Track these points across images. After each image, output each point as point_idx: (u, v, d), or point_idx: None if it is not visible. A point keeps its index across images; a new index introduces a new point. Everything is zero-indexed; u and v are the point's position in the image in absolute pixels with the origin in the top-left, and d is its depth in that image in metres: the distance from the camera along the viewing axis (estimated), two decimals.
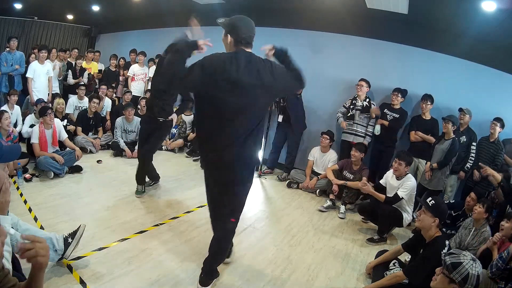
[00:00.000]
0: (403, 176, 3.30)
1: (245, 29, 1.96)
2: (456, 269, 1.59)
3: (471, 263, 1.61)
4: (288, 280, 2.46)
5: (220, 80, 1.82)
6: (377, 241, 3.27)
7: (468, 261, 1.61)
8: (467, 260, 1.62)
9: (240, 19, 1.99)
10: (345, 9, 4.72)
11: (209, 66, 1.84)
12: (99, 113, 5.35)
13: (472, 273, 1.57)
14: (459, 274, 1.58)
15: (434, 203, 2.24)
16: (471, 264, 1.60)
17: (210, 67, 1.83)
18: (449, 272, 1.61)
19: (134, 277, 2.21)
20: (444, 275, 1.64)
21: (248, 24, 1.98)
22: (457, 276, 1.58)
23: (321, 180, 4.41)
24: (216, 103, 1.86)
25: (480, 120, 4.04)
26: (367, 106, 4.46)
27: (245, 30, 1.96)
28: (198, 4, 5.75)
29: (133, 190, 3.62)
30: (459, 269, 1.59)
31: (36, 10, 7.80)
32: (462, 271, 1.58)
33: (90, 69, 6.46)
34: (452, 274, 1.60)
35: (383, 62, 4.73)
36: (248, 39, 1.97)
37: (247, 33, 1.96)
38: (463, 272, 1.58)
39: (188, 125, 5.91)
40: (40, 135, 3.83)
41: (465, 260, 1.61)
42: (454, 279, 1.59)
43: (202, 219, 3.24)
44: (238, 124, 1.90)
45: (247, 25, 1.98)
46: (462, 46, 4.18)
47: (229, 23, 1.98)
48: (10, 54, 5.20)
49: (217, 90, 1.83)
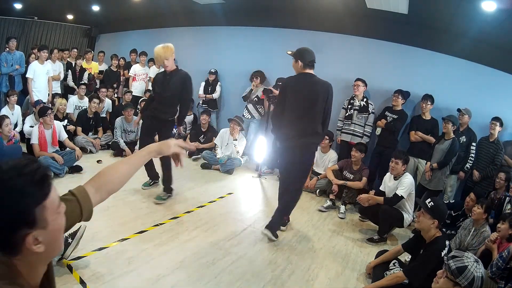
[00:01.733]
0: (400, 175, 3.31)
1: (308, 55, 2.86)
2: (462, 273, 1.57)
3: (475, 265, 1.59)
4: (288, 280, 2.46)
5: (292, 92, 2.83)
6: (377, 241, 3.27)
7: (472, 264, 1.59)
8: (471, 262, 1.60)
9: (305, 49, 2.90)
10: (345, 9, 4.72)
11: (287, 85, 2.93)
12: (99, 113, 5.35)
13: (477, 275, 1.56)
14: (465, 279, 1.56)
15: (433, 205, 2.23)
16: (475, 267, 1.58)
17: (288, 85, 2.92)
18: (455, 277, 1.58)
19: (134, 277, 2.21)
20: (448, 279, 1.63)
21: (311, 53, 2.88)
22: (464, 281, 1.56)
23: (321, 180, 4.41)
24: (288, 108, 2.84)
25: (480, 120, 4.05)
26: (364, 106, 4.46)
27: (309, 57, 2.86)
28: (198, 4, 5.75)
29: (133, 190, 3.62)
30: (465, 273, 1.57)
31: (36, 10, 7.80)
32: (468, 275, 1.56)
33: (90, 69, 6.46)
34: (459, 279, 1.57)
35: (383, 62, 4.74)
36: (312, 63, 2.87)
37: (310, 59, 2.86)
38: (469, 276, 1.56)
39: (188, 125, 5.91)
40: (40, 135, 3.83)
41: (469, 263, 1.59)
42: (460, 284, 1.58)
43: (202, 219, 3.24)
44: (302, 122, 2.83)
45: (310, 53, 2.87)
46: (462, 46, 4.19)
47: (298, 53, 2.88)
48: (10, 54, 5.19)
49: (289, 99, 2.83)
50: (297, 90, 2.82)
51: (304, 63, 2.84)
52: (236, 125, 4.96)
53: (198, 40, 6.49)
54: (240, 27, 5.93)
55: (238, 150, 4.97)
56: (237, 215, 3.50)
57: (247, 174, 4.97)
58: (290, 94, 2.83)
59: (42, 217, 0.70)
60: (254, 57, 5.73)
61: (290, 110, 2.83)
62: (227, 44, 6.10)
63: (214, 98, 5.90)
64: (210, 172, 4.82)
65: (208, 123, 5.57)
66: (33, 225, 0.69)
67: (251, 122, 5.49)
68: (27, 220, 0.69)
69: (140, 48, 6.59)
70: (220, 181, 4.52)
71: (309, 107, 2.82)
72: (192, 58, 6.53)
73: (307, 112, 2.82)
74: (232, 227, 3.19)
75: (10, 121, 3.74)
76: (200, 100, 5.98)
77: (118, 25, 8.31)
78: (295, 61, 2.88)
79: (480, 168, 3.94)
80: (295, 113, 2.83)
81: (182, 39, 6.54)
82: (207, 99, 5.88)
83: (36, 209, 0.69)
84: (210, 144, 5.31)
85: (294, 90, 2.83)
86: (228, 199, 3.93)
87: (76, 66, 6.18)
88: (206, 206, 3.62)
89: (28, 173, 0.69)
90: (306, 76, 2.85)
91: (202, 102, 5.96)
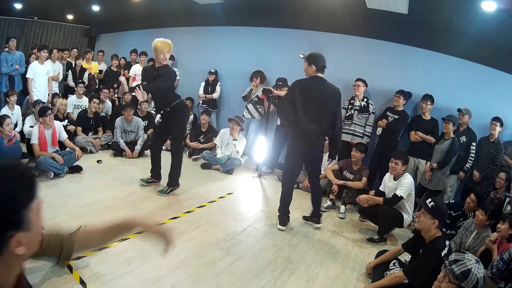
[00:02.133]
0: (400, 175, 3.30)
1: (321, 60, 3.06)
2: (467, 278, 1.57)
3: (477, 267, 1.59)
4: (288, 280, 2.46)
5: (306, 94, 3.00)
6: (377, 241, 3.27)
7: (475, 266, 1.59)
8: (473, 264, 1.60)
9: (318, 54, 3.09)
10: (345, 9, 4.72)
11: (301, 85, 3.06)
12: (99, 113, 5.35)
13: (480, 276, 1.57)
14: (470, 283, 1.56)
15: (433, 205, 2.23)
16: (477, 268, 1.59)
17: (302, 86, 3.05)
18: (460, 281, 1.58)
19: (134, 277, 2.21)
20: (452, 283, 1.62)
21: (323, 58, 3.08)
22: (469, 285, 1.57)
23: (321, 180, 4.40)
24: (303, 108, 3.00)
25: (480, 120, 4.05)
26: (365, 106, 4.46)
27: (321, 61, 3.06)
28: (198, 4, 5.75)
29: (133, 190, 3.62)
30: (470, 277, 1.57)
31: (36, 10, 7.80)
32: (473, 278, 1.56)
33: (91, 69, 6.47)
34: (464, 283, 1.58)
35: (383, 62, 4.74)
36: (323, 68, 3.07)
37: (322, 63, 3.07)
38: (473, 279, 1.56)
39: (188, 125, 5.91)
40: (40, 135, 3.83)
41: (472, 265, 1.59)
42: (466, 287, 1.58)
43: (202, 219, 3.24)
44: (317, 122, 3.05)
45: (322, 59, 3.08)
46: (462, 46, 4.18)
47: (311, 57, 3.07)
48: (10, 54, 5.19)
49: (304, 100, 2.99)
50: (312, 92, 3.02)
51: (317, 67, 3.04)
52: (236, 125, 4.96)
53: (198, 40, 6.49)
54: (240, 27, 5.93)
55: (238, 150, 4.97)
56: (237, 215, 3.50)
57: (247, 174, 4.97)
58: (304, 95, 3.00)
59: (28, 219, 0.72)
60: (254, 57, 5.73)
61: (306, 111, 3.01)
62: (227, 44, 6.10)
63: (214, 98, 5.89)
64: (210, 172, 4.82)
65: (208, 123, 5.57)
66: (20, 227, 0.71)
67: (251, 122, 5.49)
68: (15, 222, 0.70)
69: (140, 48, 6.58)
70: (220, 181, 4.52)
71: (321, 108, 3.04)
72: (192, 58, 6.53)
73: (319, 113, 3.04)
74: (232, 227, 3.19)
75: (11, 121, 3.74)
76: (200, 100, 5.98)
77: (118, 25, 8.31)
78: (308, 65, 3.07)
79: (480, 168, 3.93)
80: (310, 114, 3.02)
81: (182, 39, 6.53)
82: (207, 99, 5.88)
83: (24, 211, 0.71)
84: (210, 144, 5.32)
85: (308, 92, 3.02)
86: (228, 199, 3.93)
87: (76, 66, 6.18)
88: (206, 206, 3.61)
89: (16, 176, 0.71)
90: (318, 79, 3.05)
91: (202, 102, 5.96)
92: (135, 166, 4.51)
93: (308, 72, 3.08)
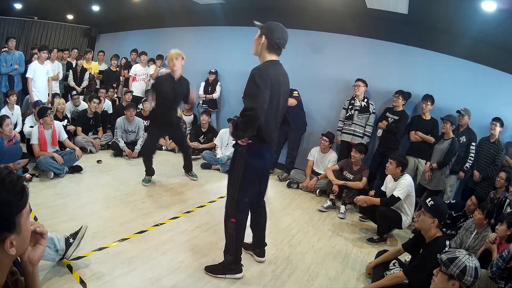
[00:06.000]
0: (399, 176, 3.30)
1: (280, 34, 2.06)
2: (453, 262, 1.61)
3: (467, 256, 1.63)
4: (288, 280, 2.46)
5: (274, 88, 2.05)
6: (377, 241, 3.27)
7: (464, 255, 1.64)
8: (463, 254, 1.65)
9: (277, 24, 2.08)
10: (345, 9, 4.72)
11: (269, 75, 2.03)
12: (99, 113, 5.35)
13: (470, 265, 1.59)
14: (456, 267, 1.60)
15: (433, 204, 2.24)
16: (467, 258, 1.63)
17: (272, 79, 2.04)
18: (446, 267, 1.63)
19: (134, 277, 2.21)
20: (442, 273, 1.65)
21: (283, 31, 2.07)
22: (455, 270, 1.60)
23: (321, 180, 4.41)
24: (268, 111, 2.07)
25: (480, 120, 4.04)
26: (365, 106, 4.46)
27: (279, 36, 2.05)
28: (198, 4, 5.75)
29: (133, 190, 3.62)
30: (455, 262, 1.61)
31: (36, 10, 7.81)
32: (459, 264, 1.60)
33: (91, 69, 6.47)
34: (450, 268, 1.61)
35: (383, 62, 4.73)
36: (280, 45, 2.07)
37: (280, 39, 2.05)
38: (460, 265, 1.60)
39: (188, 125, 5.91)
40: (40, 135, 3.83)
41: (460, 254, 1.64)
42: (452, 273, 1.61)
43: (202, 219, 3.24)
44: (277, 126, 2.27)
45: (282, 31, 2.07)
46: (462, 46, 4.18)
47: (266, 26, 2.07)
48: (9, 54, 5.19)
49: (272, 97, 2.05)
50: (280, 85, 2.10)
51: (269, 42, 2.06)
52: None
53: (198, 40, 6.48)
54: (240, 27, 5.92)
55: None
56: None
57: None
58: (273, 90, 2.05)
59: (19, 223, 0.83)
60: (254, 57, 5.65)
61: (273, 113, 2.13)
62: (227, 44, 6.09)
63: (214, 98, 5.89)
64: (210, 172, 4.82)
65: (208, 123, 5.57)
66: (13, 230, 0.82)
67: None
68: (10, 225, 0.81)
69: (140, 48, 6.59)
70: (220, 181, 4.51)
71: (283, 108, 2.23)
72: (192, 58, 6.49)
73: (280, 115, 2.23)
74: None
75: (10, 121, 3.73)
76: (200, 100, 5.98)
77: (118, 25, 8.32)
78: (258, 36, 2.12)
79: (481, 168, 3.93)
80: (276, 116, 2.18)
81: (182, 39, 6.55)
82: (207, 99, 5.87)
83: (17, 216, 0.82)
84: (210, 144, 5.31)
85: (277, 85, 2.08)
86: None
87: (77, 66, 6.18)
88: (206, 206, 3.61)
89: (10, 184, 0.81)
90: (278, 64, 2.14)
91: (202, 102, 5.95)
92: (135, 166, 4.51)
93: (256, 46, 2.15)
